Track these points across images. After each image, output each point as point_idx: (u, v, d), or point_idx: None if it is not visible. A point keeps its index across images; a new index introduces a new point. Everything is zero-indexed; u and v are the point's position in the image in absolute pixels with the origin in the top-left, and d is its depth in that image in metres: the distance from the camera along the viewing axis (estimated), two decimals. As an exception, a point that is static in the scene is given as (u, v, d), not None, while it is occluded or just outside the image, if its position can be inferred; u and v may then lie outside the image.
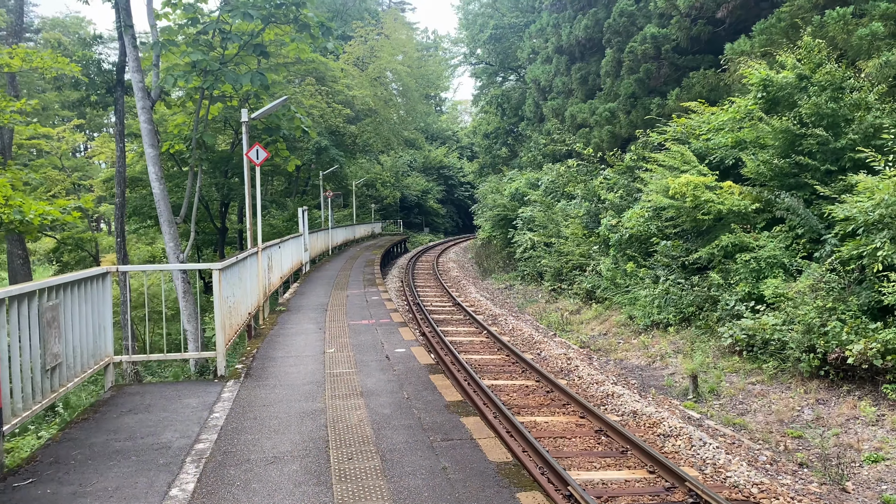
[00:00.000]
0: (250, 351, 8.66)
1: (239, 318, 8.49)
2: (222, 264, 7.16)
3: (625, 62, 21.27)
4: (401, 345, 9.23)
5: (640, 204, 17.98)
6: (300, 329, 10.54)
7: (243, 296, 8.94)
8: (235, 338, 8.04)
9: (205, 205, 27.05)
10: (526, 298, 22.82)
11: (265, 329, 10.46)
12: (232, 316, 7.79)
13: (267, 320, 11.33)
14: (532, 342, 14.48)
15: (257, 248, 10.83)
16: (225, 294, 7.32)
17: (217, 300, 6.91)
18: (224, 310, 7.16)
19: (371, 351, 8.84)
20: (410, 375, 7.38)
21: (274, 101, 11.71)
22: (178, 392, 6.58)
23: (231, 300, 7.77)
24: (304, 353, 8.59)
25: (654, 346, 13.92)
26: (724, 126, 14.73)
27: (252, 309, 9.95)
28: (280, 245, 14.18)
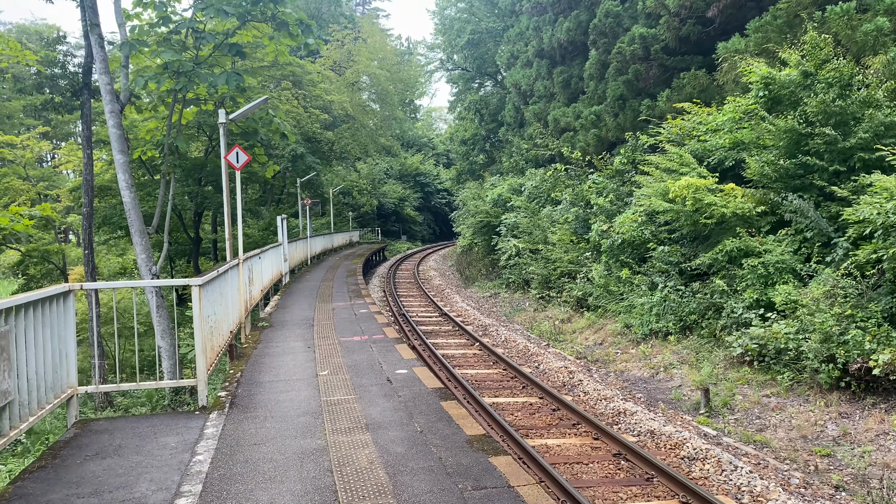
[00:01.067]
0: (234, 375, 7.82)
1: (221, 338, 7.67)
2: (202, 279, 6.34)
3: (612, 63, 20.76)
4: (401, 365, 8.48)
5: (632, 208, 17.44)
6: (287, 348, 9.70)
7: (225, 313, 8.11)
8: (217, 361, 7.23)
9: (178, 214, 25.99)
10: (513, 307, 22.16)
11: (248, 348, 9.62)
12: (213, 337, 6.97)
13: (249, 338, 10.47)
14: (528, 354, 13.79)
15: (238, 259, 10.00)
16: (206, 313, 6.51)
17: (197, 320, 6.09)
18: (205, 331, 6.34)
19: (369, 373, 8.06)
20: (419, 402, 6.61)
21: (251, 103, 10.92)
22: (154, 428, 5.72)
23: (212, 319, 6.96)
24: (294, 377, 7.78)
25: (656, 357, 13.31)
26: (722, 127, 14.21)
27: (234, 327, 9.12)
28: (260, 256, 13.33)
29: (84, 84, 15.89)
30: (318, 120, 30.78)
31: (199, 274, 6.88)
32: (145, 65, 16.25)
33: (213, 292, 7.13)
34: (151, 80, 14.43)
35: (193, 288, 6.12)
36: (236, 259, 9.94)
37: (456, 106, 54.73)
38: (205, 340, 6.27)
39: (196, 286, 6.12)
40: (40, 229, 31.84)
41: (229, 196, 10.11)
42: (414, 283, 28.40)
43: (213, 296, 7.14)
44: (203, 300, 6.30)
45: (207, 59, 15.28)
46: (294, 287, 18.68)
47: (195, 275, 30.01)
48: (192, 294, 6.11)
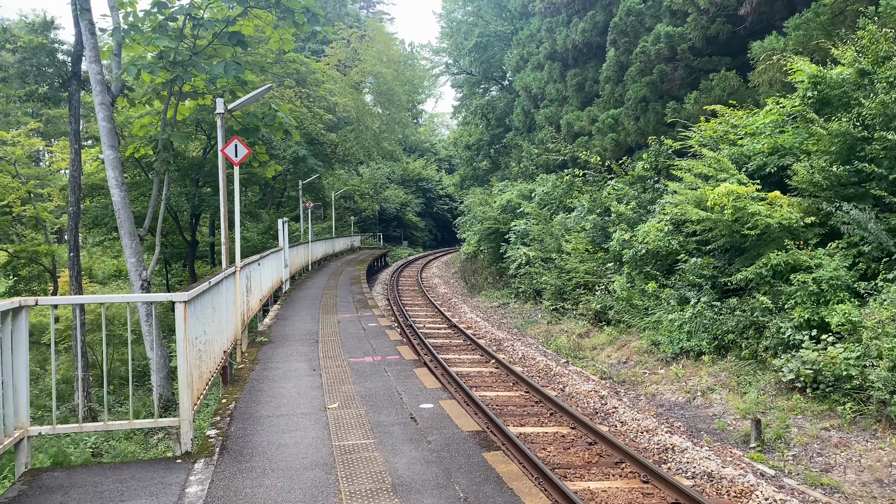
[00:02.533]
0: (226, 405, 6.67)
1: (212, 361, 6.53)
2: (189, 293, 5.18)
3: (633, 64, 19.70)
4: (424, 396, 7.27)
5: (657, 216, 16.36)
6: (289, 370, 8.53)
7: (217, 331, 6.98)
8: (207, 389, 6.10)
9: (173, 216, 24.86)
10: (525, 319, 21.02)
11: (244, 369, 8.46)
12: (202, 362, 5.84)
13: (246, 356, 9.32)
14: (550, 374, 12.66)
15: (235, 267, 8.86)
16: (193, 334, 5.37)
17: (182, 345, 4.94)
18: (192, 357, 5.20)
19: (388, 406, 6.86)
20: (455, 453, 5.38)
21: (253, 92, 9.83)
22: (122, 485, 4.46)
23: (201, 340, 5.82)
24: (298, 410, 6.62)
25: (691, 379, 12.17)
26: (762, 130, 13.13)
27: (228, 345, 7.97)
28: (259, 262, 12.20)
29: (73, 73, 14.80)
30: (321, 120, 29.68)
31: (190, 285, 5.70)
32: (139, 54, 15.16)
33: (203, 307, 6.00)
34: (145, 69, 13.37)
35: (178, 305, 4.98)
36: (232, 266, 8.81)
37: (460, 111, 53.72)
38: (191, 369, 5.14)
39: (181, 302, 4.97)
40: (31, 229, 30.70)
41: (226, 197, 9.00)
42: (418, 291, 27.27)
43: (203, 312, 6.01)
44: (190, 319, 5.17)
45: (206, 48, 14.20)
46: (295, 295, 17.52)
47: (190, 280, 28.79)
48: (176, 312, 4.98)
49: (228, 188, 9.26)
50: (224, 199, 8.91)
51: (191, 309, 5.24)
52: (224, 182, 8.99)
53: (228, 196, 9.79)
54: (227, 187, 9.12)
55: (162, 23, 13.40)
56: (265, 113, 15.45)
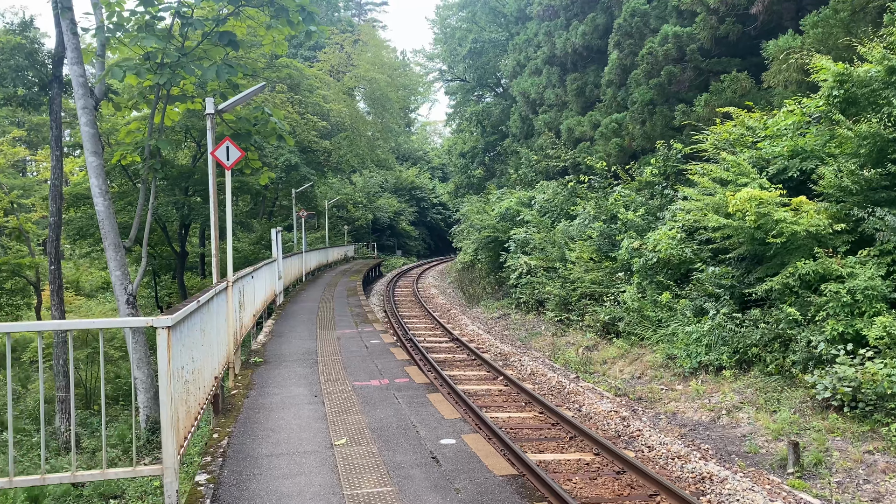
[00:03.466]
0: (218, 441, 5.87)
1: (201, 391, 5.74)
2: (174, 316, 4.39)
3: (639, 66, 19.08)
4: (444, 429, 6.46)
5: (667, 223, 15.70)
6: (287, 396, 7.72)
7: (207, 356, 6.20)
8: (196, 424, 5.29)
9: (161, 226, 24.01)
10: (528, 330, 20.28)
11: (238, 396, 7.66)
12: (190, 395, 5.06)
13: (239, 380, 8.51)
14: (562, 392, 11.91)
15: (227, 281, 8.08)
16: (179, 363, 4.59)
17: (165, 379, 4.14)
18: (177, 391, 4.41)
19: (403, 442, 6.03)
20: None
21: (246, 91, 9.08)
22: None
23: (189, 369, 5.04)
24: (300, 447, 5.81)
25: (713, 396, 11.45)
26: (785, 132, 12.48)
27: (220, 370, 7.18)
28: (253, 275, 11.42)
29: (54, 76, 14.01)
30: (314, 128, 28.92)
31: (176, 306, 4.87)
32: (125, 56, 14.40)
33: (191, 331, 5.22)
34: (130, 71, 12.61)
35: (160, 331, 4.20)
36: (224, 281, 8.03)
37: (454, 118, 53.09)
38: (176, 405, 4.36)
39: (163, 328, 4.19)
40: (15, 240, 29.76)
41: (217, 205, 8.23)
42: (416, 302, 26.50)
43: (190, 336, 5.24)
44: (175, 346, 4.40)
45: (195, 49, 13.46)
46: (290, 309, 16.71)
47: (180, 293, 27.90)
48: (158, 340, 4.20)
49: (219, 196, 8.50)
50: (214, 208, 8.14)
51: (176, 335, 4.48)
52: (214, 189, 8.21)
53: (220, 204, 9.03)
54: (218, 195, 8.35)
55: (149, 21, 12.65)
56: (258, 118, 14.72)
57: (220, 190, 9.79)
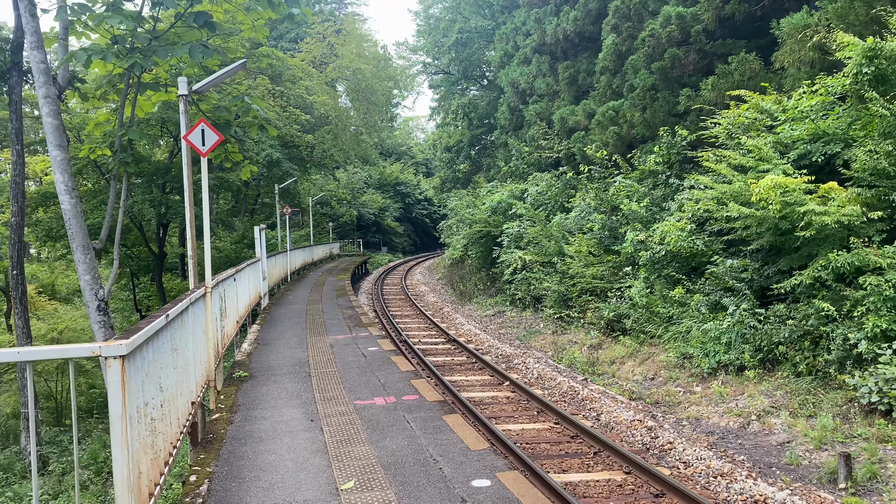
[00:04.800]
0: (196, 486, 4.77)
1: (173, 427, 4.65)
2: (130, 341, 3.33)
3: (639, 50, 18.20)
4: (472, 465, 5.37)
5: (675, 214, 14.85)
6: (279, 421, 6.64)
7: (182, 380, 5.16)
8: (166, 474, 4.23)
9: (138, 225, 22.82)
10: (526, 329, 19.38)
11: (220, 421, 6.60)
12: (157, 438, 4.00)
13: (222, 400, 7.45)
14: (576, 397, 11.00)
15: (205, 286, 7.04)
16: (140, 401, 3.53)
17: (119, 427, 3.05)
18: (138, 439, 3.35)
19: (425, 485, 5.01)
20: None
21: (223, 70, 8.03)
22: None
23: (155, 404, 3.98)
24: (299, 495, 4.71)
25: (738, 399, 10.60)
26: (807, 114, 11.63)
27: (198, 391, 6.13)
28: (236, 277, 10.37)
29: (13, 63, 12.85)
30: (297, 121, 27.76)
31: (136, 325, 3.75)
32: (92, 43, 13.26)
33: (158, 354, 4.21)
34: (96, 55, 11.47)
35: (110, 363, 3.17)
36: (202, 286, 6.99)
37: (439, 112, 52.08)
38: (136, 458, 3.30)
39: (115, 358, 3.15)
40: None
41: (192, 199, 7.19)
42: (406, 301, 25.51)
43: (158, 360, 4.22)
44: (134, 380, 3.37)
45: (167, 32, 12.36)
46: (276, 312, 15.63)
47: (158, 296, 26.61)
48: (108, 375, 3.15)
49: (196, 189, 7.45)
50: (190, 202, 7.08)
51: (135, 364, 3.46)
52: (190, 180, 7.17)
53: (196, 199, 8.00)
54: (194, 189, 7.30)
55: (116, 1, 11.53)
56: (238, 106, 13.65)
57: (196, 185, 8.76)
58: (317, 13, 41.70)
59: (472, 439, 5.99)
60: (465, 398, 9.53)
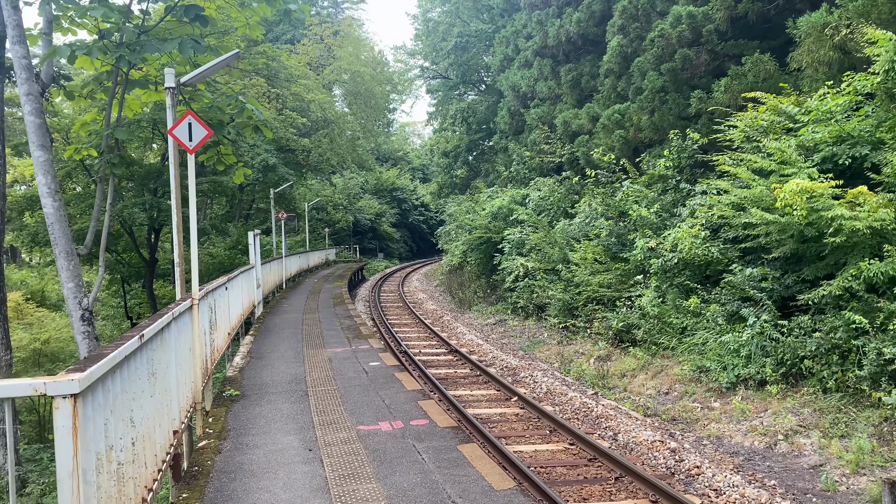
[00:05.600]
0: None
1: (149, 468, 3.90)
2: (86, 374, 2.71)
3: (647, 51, 17.64)
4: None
5: (688, 220, 14.26)
6: (273, 450, 5.92)
7: (162, 407, 4.48)
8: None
9: (128, 230, 22.13)
10: (529, 338, 18.74)
11: (208, 450, 5.91)
12: (126, 485, 3.31)
13: (210, 423, 6.75)
14: (589, 414, 10.36)
15: (191, 299, 6.35)
16: (101, 445, 2.80)
17: (68, 486, 2.41)
18: (96, 500, 2.69)
19: None
20: None
21: (216, 60, 7.38)
22: None
23: (123, 445, 3.26)
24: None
25: (762, 417, 9.98)
26: (834, 114, 11.07)
27: (182, 418, 5.44)
28: (227, 285, 9.71)
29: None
30: (294, 124, 27.09)
31: (98, 352, 3.05)
32: (78, 39, 12.64)
33: (129, 384, 3.53)
34: (80, 50, 10.84)
35: (59, 403, 2.50)
36: (188, 297, 6.32)
37: (436, 117, 51.54)
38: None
39: (66, 398, 2.47)
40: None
41: (179, 200, 6.54)
42: (404, 308, 24.86)
43: (129, 391, 3.54)
44: (92, 422, 2.69)
45: (157, 26, 11.73)
46: (270, 322, 14.95)
47: (149, 304, 25.83)
48: (56, 419, 2.51)
49: (184, 190, 6.79)
50: (177, 204, 6.41)
51: (94, 402, 2.79)
52: (177, 181, 6.51)
53: (184, 201, 7.36)
54: (182, 190, 6.64)
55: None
56: (232, 106, 13.02)
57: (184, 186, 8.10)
58: (313, 15, 41.17)
59: (496, 476, 5.30)
60: (481, 425, 8.85)
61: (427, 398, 7.96)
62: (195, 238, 6.56)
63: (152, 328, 4.20)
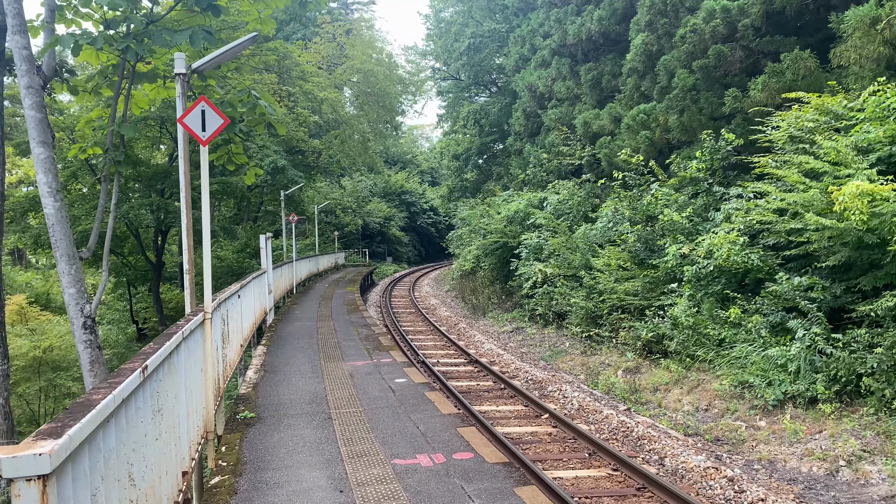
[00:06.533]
0: None
1: None
2: (63, 441, 1.96)
3: (676, 48, 16.88)
4: None
5: (724, 226, 13.49)
6: (297, 490, 5.05)
7: (170, 449, 3.73)
8: None
9: (135, 232, 21.46)
10: (550, 348, 17.96)
11: (221, 491, 5.01)
12: None
13: (223, 452, 5.95)
14: (629, 435, 9.58)
15: (204, 313, 5.60)
16: None
17: None
18: None
19: None
20: None
21: (231, 44, 6.65)
22: None
23: None
24: None
25: (818, 440, 9.19)
26: (892, 113, 10.29)
27: (193, 453, 4.65)
28: (240, 293, 8.99)
29: (-7, 51, 11.52)
30: (305, 123, 26.41)
31: (76, 403, 2.27)
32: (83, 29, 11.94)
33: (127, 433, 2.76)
34: (84, 40, 10.15)
35: (20, 488, 1.80)
36: (200, 310, 5.57)
37: (447, 119, 50.84)
38: None
39: (29, 482, 1.74)
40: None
41: (190, 199, 5.81)
42: (417, 315, 24.12)
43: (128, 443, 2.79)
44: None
45: (166, 16, 11.05)
46: (283, 331, 14.20)
47: (156, 309, 25.06)
48: None
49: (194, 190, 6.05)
50: (187, 204, 5.66)
51: (74, 478, 2.04)
52: (187, 178, 5.78)
53: (194, 203, 6.64)
54: (193, 191, 5.91)
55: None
56: (244, 101, 12.33)
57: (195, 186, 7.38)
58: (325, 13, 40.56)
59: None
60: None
61: (466, 424, 7.15)
62: (208, 243, 5.80)
63: (158, 355, 3.45)
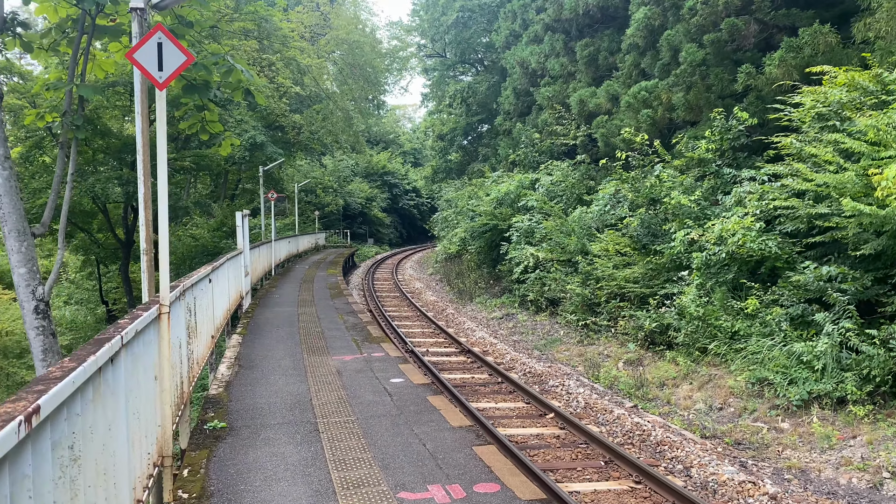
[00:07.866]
0: None
1: None
2: None
3: (684, 20, 15.87)
4: None
5: (736, 210, 12.62)
6: None
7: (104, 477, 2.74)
8: None
9: (102, 207, 20.11)
10: (544, 336, 17.05)
11: None
12: None
13: (186, 477, 4.71)
14: (647, 439, 8.67)
15: (158, 305, 4.39)
16: None
17: None
18: None
19: None
20: None
21: None
22: None
23: None
24: None
25: (854, 446, 8.35)
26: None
27: (136, 499, 3.59)
28: (212, 277, 7.88)
29: (-67, -2, 10.22)
30: (287, 94, 25.05)
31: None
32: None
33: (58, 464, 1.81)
34: (37, -14, 8.89)
35: None
36: (154, 302, 4.42)
37: (431, 98, 49.57)
38: None
39: None
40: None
41: (149, 164, 4.71)
42: (402, 299, 23.10)
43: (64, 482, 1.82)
44: None
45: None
46: (261, 317, 13.06)
47: (124, 289, 23.75)
48: None
49: (151, 145, 4.94)
50: (146, 169, 4.56)
51: None
52: (145, 135, 4.65)
53: (153, 168, 5.52)
54: (151, 147, 4.81)
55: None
56: (218, 65, 11.10)
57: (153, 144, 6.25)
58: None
59: None
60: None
61: (483, 441, 5.96)
62: (165, 217, 4.63)
63: (65, 384, 2.29)
